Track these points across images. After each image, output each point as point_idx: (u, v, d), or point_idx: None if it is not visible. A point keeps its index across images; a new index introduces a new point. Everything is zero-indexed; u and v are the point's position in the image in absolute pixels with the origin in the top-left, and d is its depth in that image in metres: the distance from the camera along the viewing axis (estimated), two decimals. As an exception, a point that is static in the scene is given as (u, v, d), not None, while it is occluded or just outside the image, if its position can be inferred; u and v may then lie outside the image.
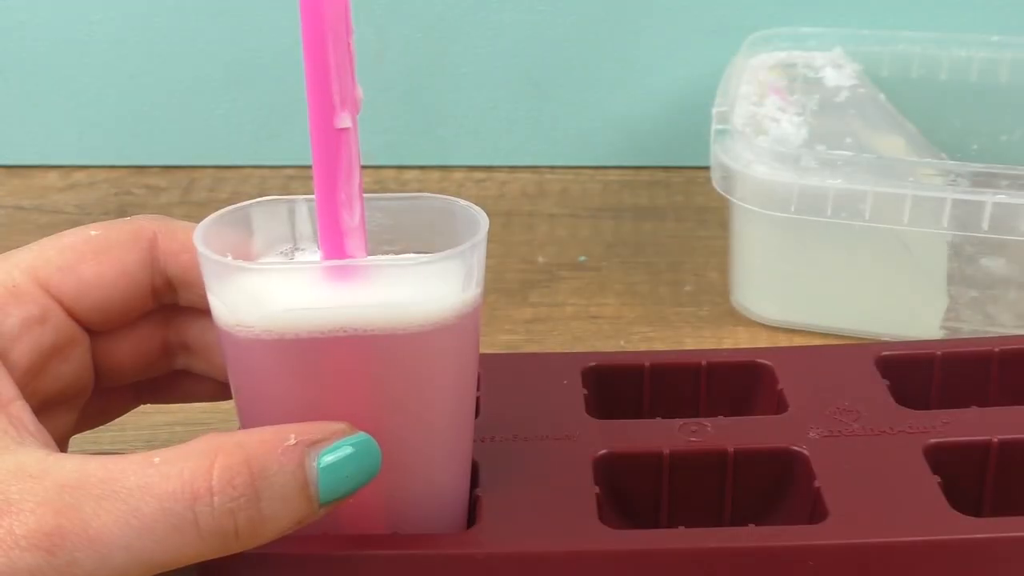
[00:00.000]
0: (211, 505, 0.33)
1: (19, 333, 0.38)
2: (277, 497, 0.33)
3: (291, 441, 0.34)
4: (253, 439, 0.34)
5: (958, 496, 0.39)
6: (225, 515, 0.33)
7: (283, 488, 0.33)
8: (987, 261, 0.55)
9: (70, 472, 0.33)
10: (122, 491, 0.32)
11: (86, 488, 0.32)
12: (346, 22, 0.33)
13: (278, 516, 0.34)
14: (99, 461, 0.33)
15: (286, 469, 0.33)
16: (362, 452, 0.35)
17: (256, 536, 0.34)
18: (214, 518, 0.33)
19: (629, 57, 0.73)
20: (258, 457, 0.33)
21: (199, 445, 0.34)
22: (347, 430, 0.35)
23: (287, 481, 0.33)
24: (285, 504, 0.34)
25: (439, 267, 0.35)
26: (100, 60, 0.73)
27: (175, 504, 0.32)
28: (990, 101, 0.66)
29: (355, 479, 0.35)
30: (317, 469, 0.34)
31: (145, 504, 0.32)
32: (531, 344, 0.57)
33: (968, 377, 0.46)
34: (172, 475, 0.33)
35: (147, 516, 0.32)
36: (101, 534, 0.32)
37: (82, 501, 0.32)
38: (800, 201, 0.53)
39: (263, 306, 0.35)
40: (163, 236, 0.40)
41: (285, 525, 0.34)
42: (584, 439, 0.42)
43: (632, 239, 0.67)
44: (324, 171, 0.34)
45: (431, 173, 0.75)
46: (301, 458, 0.34)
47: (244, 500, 0.33)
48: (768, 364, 0.46)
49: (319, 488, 0.34)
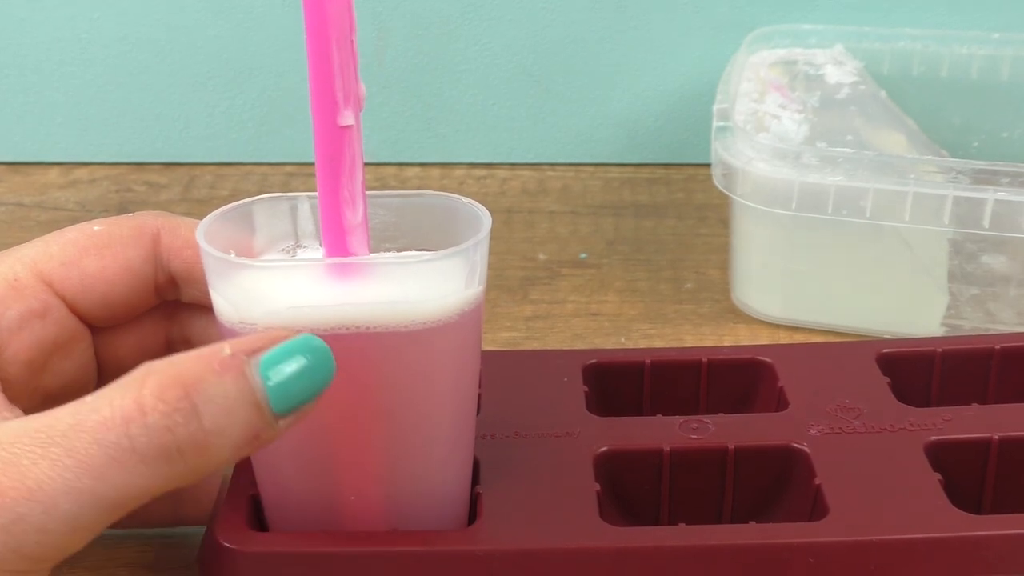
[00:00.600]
0: (145, 425, 0.31)
1: (19, 327, 0.38)
2: (219, 410, 0.32)
3: (227, 352, 0.33)
4: (187, 356, 0.33)
5: (958, 493, 0.39)
6: (162, 432, 0.32)
7: (225, 400, 0.32)
8: (988, 258, 0.55)
9: (9, 431, 0.32)
10: (56, 435, 0.32)
11: (23, 441, 0.32)
12: (349, 20, 0.33)
13: (224, 430, 0.32)
14: (38, 416, 0.32)
15: (225, 380, 0.32)
16: (310, 354, 0.33)
17: (205, 454, 0.32)
18: (150, 438, 0.31)
19: (630, 54, 0.73)
20: (192, 371, 0.32)
21: (131, 374, 0.33)
22: (287, 335, 0.33)
23: (228, 392, 0.32)
24: (230, 416, 0.32)
25: (442, 265, 0.35)
26: (101, 57, 0.73)
27: (107, 433, 0.31)
28: (991, 98, 0.66)
29: (307, 381, 0.33)
30: (262, 377, 0.33)
31: (79, 441, 0.31)
32: (532, 341, 0.57)
33: (969, 374, 0.46)
34: (102, 406, 0.32)
35: (82, 453, 0.31)
36: (41, 483, 0.31)
37: (19, 455, 0.31)
38: (801, 198, 0.53)
39: (266, 303, 0.35)
40: (166, 232, 0.40)
41: (236, 441, 0.33)
42: (585, 436, 0.42)
43: (633, 236, 0.67)
44: (327, 168, 0.34)
45: (432, 170, 0.75)
46: (240, 367, 0.32)
47: (180, 415, 0.32)
48: (769, 361, 0.46)
49: (268, 396, 0.33)
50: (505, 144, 0.75)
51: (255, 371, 0.33)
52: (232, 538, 0.37)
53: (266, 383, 0.33)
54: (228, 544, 0.37)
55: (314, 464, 0.37)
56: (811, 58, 0.65)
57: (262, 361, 0.33)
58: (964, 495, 0.40)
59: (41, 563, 0.32)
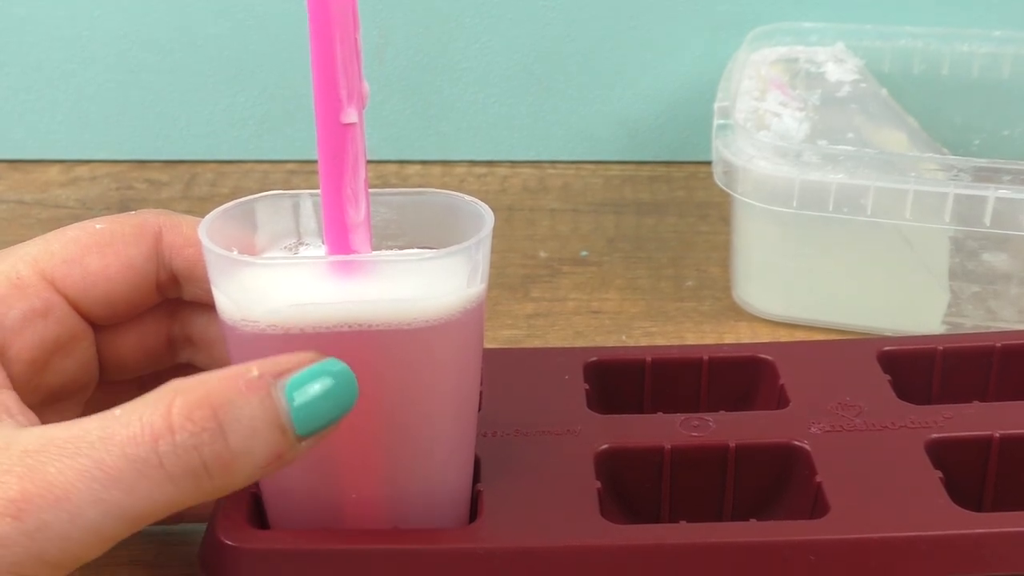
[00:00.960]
0: (173, 443, 0.32)
1: (21, 326, 0.38)
2: (245, 430, 0.33)
3: (254, 373, 0.33)
4: (214, 376, 0.33)
5: (959, 491, 0.39)
6: (189, 451, 0.32)
7: (251, 421, 0.33)
8: (989, 256, 0.55)
9: (34, 438, 0.32)
10: (84, 446, 0.32)
11: (49, 450, 0.32)
12: (353, 17, 0.33)
13: (250, 450, 0.33)
14: (63, 425, 0.33)
15: (251, 401, 0.33)
16: (334, 378, 0.34)
17: (230, 473, 0.33)
18: (178, 456, 0.32)
19: (631, 52, 0.73)
20: (219, 392, 0.33)
21: (160, 390, 0.33)
22: (315, 357, 0.34)
23: (254, 413, 0.33)
24: (256, 437, 0.33)
25: (444, 263, 0.35)
26: (102, 55, 0.73)
27: (137, 448, 0.32)
28: (992, 96, 0.66)
29: (330, 405, 0.34)
30: (287, 399, 0.33)
31: (108, 454, 0.32)
32: (532, 339, 0.57)
33: (970, 372, 0.46)
34: (132, 421, 0.32)
35: (111, 466, 0.32)
36: (67, 492, 0.32)
37: (45, 463, 0.32)
38: (802, 196, 0.53)
39: (268, 301, 0.35)
40: (168, 230, 0.40)
41: (261, 461, 0.33)
42: (585, 434, 0.42)
43: (634, 234, 0.67)
44: (330, 166, 0.34)
45: (433, 168, 0.75)
46: (267, 389, 0.33)
47: (208, 435, 0.32)
48: (770, 359, 0.46)
49: (292, 418, 0.33)
50: (506, 142, 0.75)
51: (281, 393, 0.33)
52: (233, 535, 0.37)
53: (291, 405, 0.33)
54: (229, 541, 0.37)
55: (315, 461, 0.37)
56: (812, 56, 0.65)
57: (288, 383, 0.33)
58: (965, 493, 0.40)
59: (60, 570, 0.33)
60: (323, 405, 0.34)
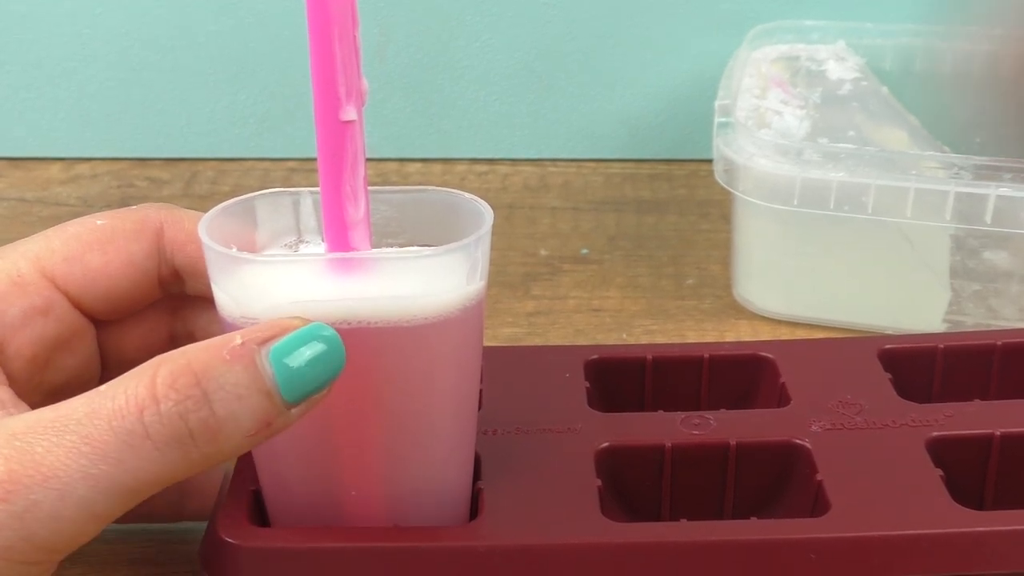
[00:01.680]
0: (158, 412, 0.32)
1: (21, 324, 0.38)
2: (230, 397, 0.33)
3: (237, 341, 0.33)
4: (198, 346, 0.33)
5: (960, 489, 0.39)
6: (174, 418, 0.32)
7: (235, 387, 0.33)
8: (990, 254, 0.55)
9: (21, 421, 0.33)
10: (72, 423, 0.32)
11: (36, 430, 0.32)
12: (352, 15, 0.33)
13: (236, 417, 0.33)
14: (52, 407, 0.33)
15: (235, 368, 0.33)
16: (321, 343, 0.34)
17: (217, 440, 0.33)
18: (163, 425, 0.32)
19: (632, 50, 0.73)
20: (202, 360, 0.33)
21: (144, 364, 0.33)
22: (298, 323, 0.34)
23: (238, 380, 0.33)
24: (241, 403, 0.33)
25: (443, 260, 0.35)
26: (102, 53, 0.73)
27: (123, 420, 0.32)
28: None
29: (319, 372, 0.34)
30: (272, 364, 0.33)
31: (94, 428, 0.32)
32: (533, 337, 0.57)
33: (971, 370, 0.46)
34: (117, 394, 0.32)
35: (98, 439, 0.32)
36: (56, 470, 0.32)
37: (33, 443, 0.32)
38: (803, 194, 0.53)
39: (267, 298, 0.35)
40: (170, 226, 0.40)
41: (248, 427, 0.33)
42: (586, 432, 0.42)
43: (634, 232, 0.67)
44: (329, 164, 0.34)
45: (433, 166, 0.75)
46: (250, 356, 0.33)
47: (192, 402, 0.32)
48: (770, 357, 0.46)
49: (279, 384, 0.33)
50: (506, 140, 0.75)
51: (265, 359, 0.33)
52: (234, 533, 0.37)
53: (276, 371, 0.33)
54: (230, 539, 0.37)
55: (315, 459, 0.37)
56: (813, 54, 0.65)
57: (272, 349, 0.33)
58: (966, 491, 0.40)
59: (53, 553, 0.33)
60: (310, 370, 0.34)
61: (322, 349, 0.34)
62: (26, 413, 0.33)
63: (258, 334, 0.33)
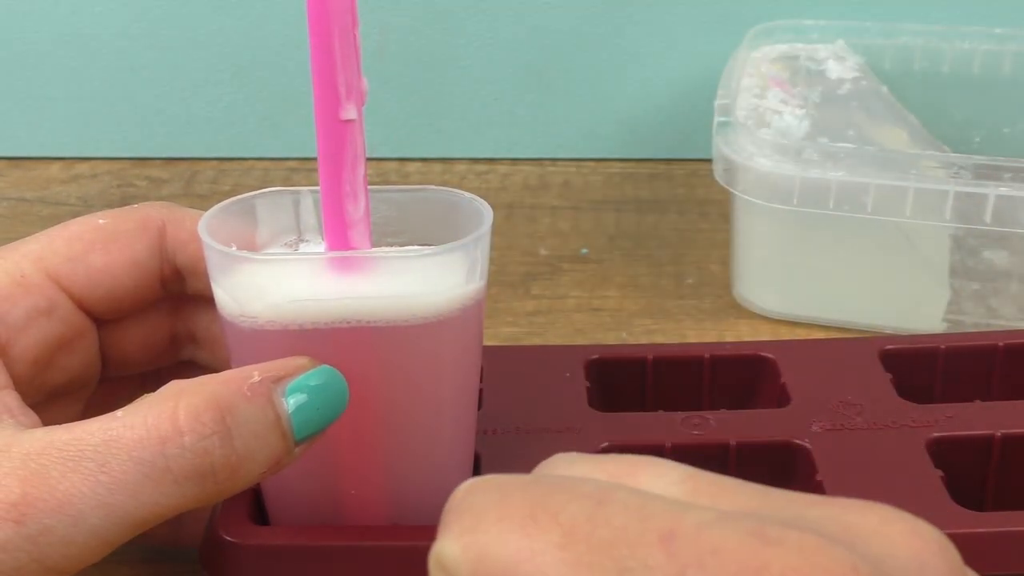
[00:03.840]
0: (182, 446, 0.32)
1: (25, 325, 0.37)
2: (250, 434, 0.33)
3: (255, 378, 0.33)
4: (216, 379, 0.33)
5: (961, 490, 0.39)
6: (199, 454, 0.32)
7: (255, 424, 0.33)
8: (989, 254, 0.55)
9: (35, 440, 0.32)
10: (88, 449, 0.32)
11: (51, 453, 0.32)
12: (352, 14, 0.33)
13: (254, 455, 0.33)
14: (65, 427, 0.33)
15: (255, 405, 0.33)
16: (327, 383, 0.34)
17: (234, 477, 0.33)
18: (186, 459, 0.32)
19: (631, 49, 0.73)
20: (224, 395, 0.33)
21: (161, 392, 0.33)
22: (309, 364, 0.34)
23: (258, 417, 0.33)
24: (259, 441, 0.33)
25: (443, 259, 0.35)
26: (102, 52, 0.73)
27: (143, 452, 0.32)
28: (993, 94, 0.66)
29: (324, 412, 0.34)
30: (286, 403, 0.33)
31: (113, 457, 0.32)
32: (533, 336, 0.57)
33: (971, 371, 0.46)
34: (136, 424, 0.32)
35: (116, 469, 0.32)
36: (70, 496, 0.31)
37: (48, 466, 0.32)
38: (802, 193, 0.53)
39: (267, 297, 0.35)
40: (171, 224, 0.40)
41: (262, 465, 0.33)
42: (586, 432, 0.42)
43: (634, 231, 0.67)
44: (329, 162, 0.34)
45: (433, 165, 0.75)
46: (268, 393, 0.33)
47: (217, 438, 0.32)
48: (771, 357, 0.46)
49: (292, 424, 0.33)
50: (506, 139, 0.75)
51: (281, 398, 0.33)
52: (234, 532, 0.37)
53: (291, 410, 0.33)
54: (229, 538, 0.37)
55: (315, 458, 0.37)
56: (813, 53, 0.65)
57: (288, 389, 0.34)
58: (966, 492, 0.40)
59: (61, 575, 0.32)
60: (318, 411, 0.34)
61: (329, 391, 0.34)
62: (38, 429, 0.33)
63: (273, 372, 0.34)
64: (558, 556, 0.22)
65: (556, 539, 0.22)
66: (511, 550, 0.23)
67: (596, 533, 0.22)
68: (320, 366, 0.34)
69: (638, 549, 0.22)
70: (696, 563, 0.21)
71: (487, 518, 0.23)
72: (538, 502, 0.23)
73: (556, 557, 0.22)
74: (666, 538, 0.22)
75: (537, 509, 0.23)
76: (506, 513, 0.23)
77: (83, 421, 0.33)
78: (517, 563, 0.22)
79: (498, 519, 0.23)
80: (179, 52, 0.73)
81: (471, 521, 0.24)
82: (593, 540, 0.22)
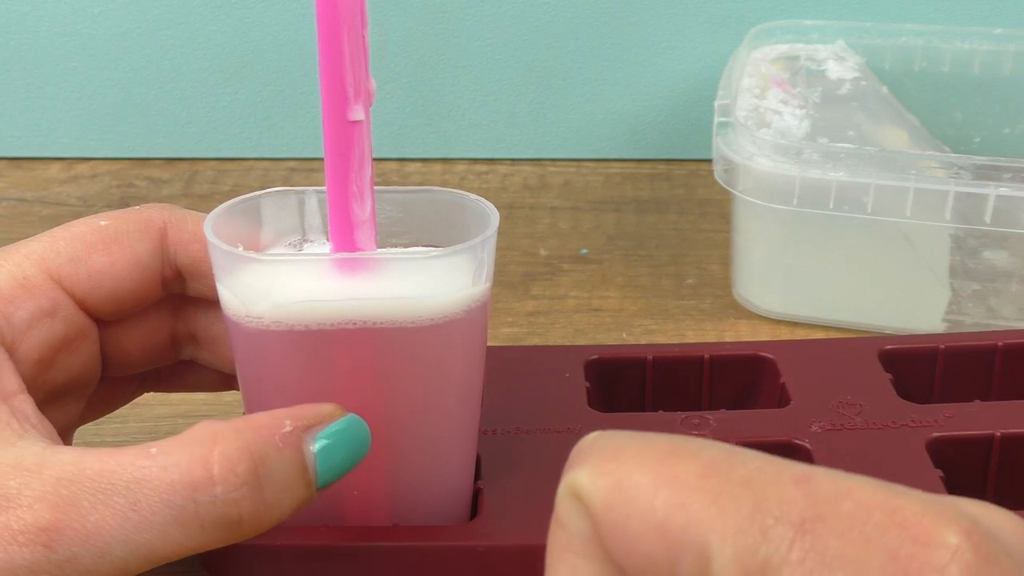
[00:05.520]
0: (213, 495, 0.32)
1: (29, 326, 0.37)
2: (278, 484, 0.33)
3: (288, 428, 0.34)
4: (250, 426, 0.34)
5: (961, 490, 0.39)
6: (230, 504, 0.33)
7: (284, 474, 0.33)
8: (989, 254, 0.56)
9: (67, 465, 0.33)
10: (119, 484, 0.32)
11: (82, 482, 0.32)
12: (361, 14, 0.33)
13: (281, 503, 0.33)
14: (96, 454, 0.33)
15: (285, 455, 0.33)
16: (353, 434, 0.35)
17: (259, 525, 0.33)
18: (216, 508, 0.33)
19: (631, 50, 0.73)
20: (258, 444, 0.33)
21: (195, 434, 0.33)
22: (337, 413, 0.35)
23: (287, 467, 0.33)
24: (286, 490, 0.33)
25: (449, 261, 0.35)
26: (102, 52, 0.73)
27: (175, 496, 0.32)
28: (993, 94, 0.66)
29: (348, 461, 0.35)
30: (314, 453, 0.34)
31: (144, 497, 0.32)
32: (533, 337, 0.58)
33: (971, 371, 0.46)
34: (170, 466, 0.32)
35: (146, 509, 0.32)
36: (99, 528, 0.32)
37: (79, 495, 0.32)
38: (802, 194, 0.54)
39: (272, 297, 0.35)
40: (173, 226, 0.40)
41: (286, 512, 0.34)
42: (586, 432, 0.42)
43: (634, 232, 0.67)
44: (336, 163, 0.34)
45: (433, 166, 0.75)
46: (299, 443, 0.34)
47: (247, 488, 0.33)
48: (771, 357, 0.46)
49: (317, 472, 0.34)
50: (506, 139, 0.75)
51: (310, 447, 0.34)
52: (236, 532, 0.37)
53: (316, 459, 0.34)
54: (232, 538, 0.37)
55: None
56: (813, 54, 0.65)
57: (317, 439, 0.34)
58: (966, 492, 0.40)
59: None
60: (342, 460, 0.35)
61: (354, 439, 0.35)
62: (67, 451, 0.33)
63: (303, 420, 0.34)
64: (699, 483, 0.23)
65: (697, 469, 0.23)
66: (651, 477, 0.23)
67: (735, 471, 0.23)
68: (347, 415, 0.35)
69: (775, 487, 0.23)
70: (831, 500, 0.22)
71: (626, 452, 0.24)
72: (676, 443, 0.24)
73: (697, 484, 0.23)
74: (801, 480, 0.23)
75: (677, 447, 0.24)
76: (646, 449, 0.24)
77: (115, 451, 0.33)
78: (657, 487, 0.23)
79: (638, 453, 0.24)
80: (179, 52, 0.73)
81: (610, 454, 0.24)
82: (732, 476, 0.23)
